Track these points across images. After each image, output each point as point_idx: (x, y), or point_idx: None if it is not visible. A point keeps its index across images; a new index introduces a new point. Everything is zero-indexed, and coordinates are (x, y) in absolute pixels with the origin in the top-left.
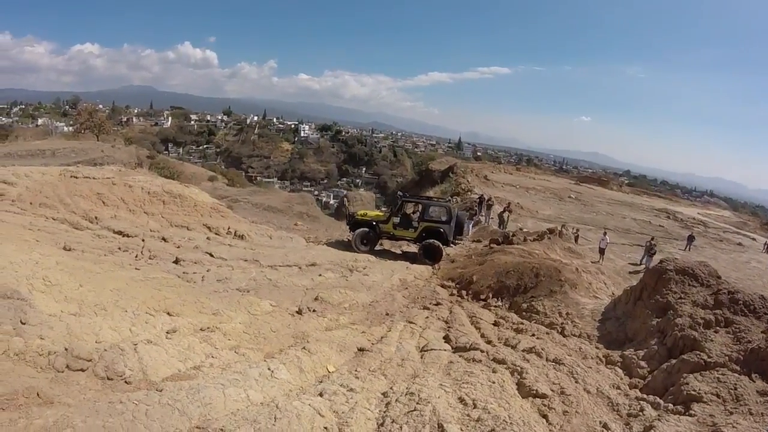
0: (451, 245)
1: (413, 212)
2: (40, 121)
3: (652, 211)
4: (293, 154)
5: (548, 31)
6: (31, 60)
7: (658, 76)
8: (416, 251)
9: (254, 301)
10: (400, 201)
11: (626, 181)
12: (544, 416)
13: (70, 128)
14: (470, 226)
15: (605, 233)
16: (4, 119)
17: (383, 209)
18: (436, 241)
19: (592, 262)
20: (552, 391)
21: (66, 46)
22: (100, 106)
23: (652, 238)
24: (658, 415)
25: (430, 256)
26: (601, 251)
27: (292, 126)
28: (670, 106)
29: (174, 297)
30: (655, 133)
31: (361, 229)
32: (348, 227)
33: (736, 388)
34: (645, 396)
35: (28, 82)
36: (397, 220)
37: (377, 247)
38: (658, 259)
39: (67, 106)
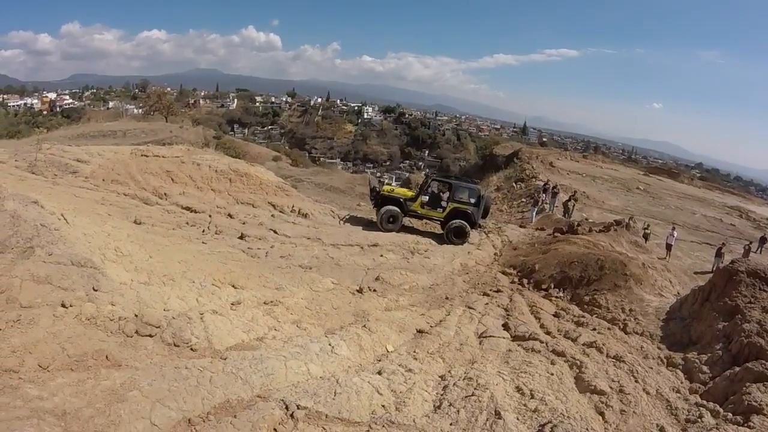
0: (477, 228)
1: (442, 192)
2: (111, 104)
3: (724, 209)
4: (356, 136)
5: (620, 12)
6: (101, 47)
7: (737, 63)
8: (443, 231)
9: (316, 278)
10: (429, 180)
11: (698, 175)
12: (601, 413)
13: (140, 110)
14: (534, 213)
15: (674, 228)
16: (77, 103)
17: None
18: (463, 222)
19: (658, 258)
20: (611, 388)
21: (134, 33)
22: (168, 89)
23: (750, 243)
24: (717, 424)
25: (459, 235)
26: (669, 247)
27: (356, 108)
28: (749, 95)
29: (239, 271)
30: (731, 125)
31: (389, 207)
32: (372, 204)
33: None
34: (705, 402)
35: (99, 67)
36: (426, 198)
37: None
38: (728, 260)
39: (137, 90)
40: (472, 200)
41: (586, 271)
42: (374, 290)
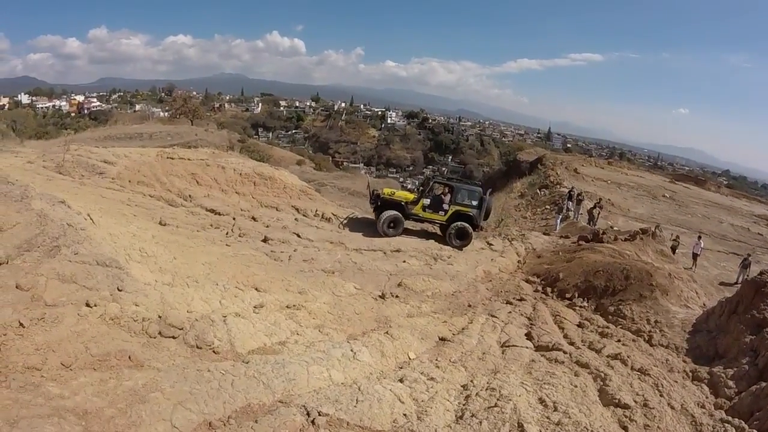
0: (479, 230)
1: (443, 194)
2: (137, 107)
3: (752, 217)
4: (380, 141)
5: (646, 15)
6: (128, 51)
7: (764, 67)
8: (441, 233)
9: (339, 283)
10: (431, 182)
11: (725, 182)
12: (625, 427)
13: (166, 113)
14: (558, 221)
15: (700, 238)
16: (104, 105)
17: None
18: (466, 224)
19: (684, 268)
20: (635, 402)
21: (160, 38)
22: (194, 92)
23: None
24: None
25: (462, 237)
26: (695, 257)
27: (379, 112)
28: None
29: (262, 274)
30: (759, 130)
31: (390, 211)
32: (372, 208)
33: None
34: (730, 418)
35: (126, 71)
36: (427, 202)
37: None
38: (756, 271)
39: (163, 93)
40: (474, 202)
41: (611, 281)
42: (396, 296)
